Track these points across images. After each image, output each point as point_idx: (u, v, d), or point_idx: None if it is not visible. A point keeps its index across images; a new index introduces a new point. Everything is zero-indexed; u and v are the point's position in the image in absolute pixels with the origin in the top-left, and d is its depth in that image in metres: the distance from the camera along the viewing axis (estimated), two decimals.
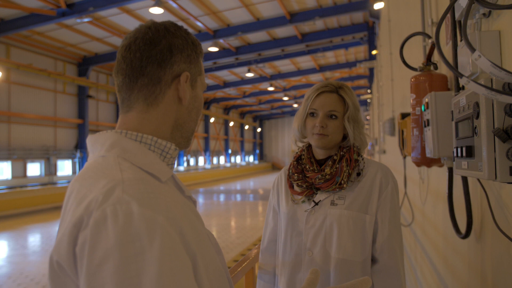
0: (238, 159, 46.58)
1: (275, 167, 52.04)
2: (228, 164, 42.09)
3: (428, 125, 1.71)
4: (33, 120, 18.99)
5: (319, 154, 1.73)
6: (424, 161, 2.00)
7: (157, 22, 1.00)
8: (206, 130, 37.69)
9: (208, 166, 37.20)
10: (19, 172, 18.42)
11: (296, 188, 1.72)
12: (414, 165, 3.21)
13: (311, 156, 1.74)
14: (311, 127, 1.68)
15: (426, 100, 1.72)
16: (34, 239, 10.55)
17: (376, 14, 13.86)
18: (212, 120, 38.34)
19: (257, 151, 52.62)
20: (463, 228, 1.63)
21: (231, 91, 35.02)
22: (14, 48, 18.01)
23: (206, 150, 37.59)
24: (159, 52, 0.94)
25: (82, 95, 21.75)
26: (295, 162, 1.77)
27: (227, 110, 42.28)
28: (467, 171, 1.12)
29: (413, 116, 2.03)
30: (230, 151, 43.49)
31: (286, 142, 52.05)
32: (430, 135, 1.69)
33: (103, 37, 18.93)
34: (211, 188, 25.29)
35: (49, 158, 19.79)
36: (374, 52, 15.99)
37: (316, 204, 1.65)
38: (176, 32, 0.98)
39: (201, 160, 37.27)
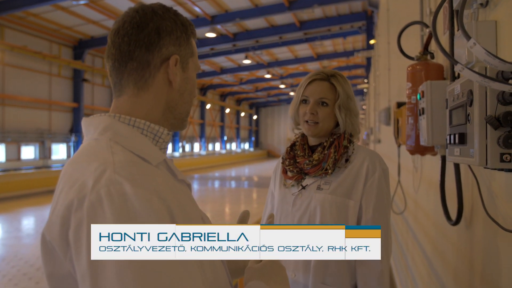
0: (233, 146, 46.60)
1: (270, 155, 52.10)
2: (223, 151, 42.11)
3: (423, 113, 1.73)
4: (27, 103, 18.86)
5: (312, 140, 1.78)
6: (418, 150, 2.02)
7: (145, 4, 0.98)
8: (202, 116, 37.61)
9: (203, 152, 37.20)
10: (13, 155, 18.35)
11: (288, 173, 1.77)
12: (408, 154, 3.24)
13: (304, 142, 1.79)
14: (302, 114, 1.72)
15: (422, 89, 1.74)
16: (28, 222, 10.57)
17: (375, 3, 13.80)
18: (208, 106, 38.24)
19: (253, 139, 52.62)
20: (453, 215, 1.66)
21: (227, 78, 34.88)
22: (9, 30, 17.82)
23: (202, 136, 37.56)
24: (146, 35, 0.93)
25: (78, 79, 21.60)
26: (289, 149, 1.83)
27: (223, 96, 42.16)
28: (459, 157, 1.14)
29: (408, 105, 2.05)
30: (225, 138, 43.48)
31: (282, 130, 52.06)
32: (424, 123, 1.71)
33: (100, 20, 18.74)
34: (206, 175, 25.33)
35: (43, 141, 19.71)
36: (372, 41, 15.96)
37: (303, 188, 1.70)
38: (164, 15, 0.97)
39: (196, 146, 37.26)
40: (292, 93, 43.49)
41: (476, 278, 1.45)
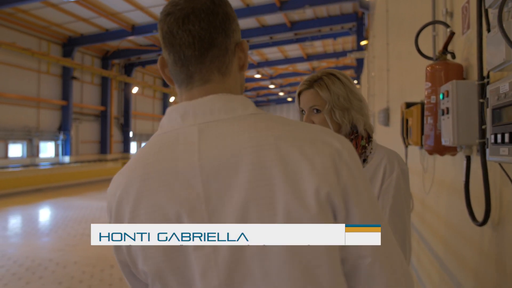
0: None
1: None
2: None
3: (447, 113, 1.72)
4: (15, 100, 18.58)
5: None
6: (438, 149, 2.02)
7: None
8: None
9: None
10: (1, 153, 18.06)
11: None
12: (415, 154, 3.25)
13: None
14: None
15: (446, 88, 1.74)
16: (15, 221, 10.41)
17: (366, 5, 13.87)
18: None
19: None
20: (478, 216, 1.66)
21: None
22: None
23: None
24: (221, 21, 0.91)
25: (67, 76, 21.36)
26: None
27: None
28: (507, 157, 1.13)
29: (427, 105, 2.05)
30: None
31: None
32: (449, 123, 1.71)
33: (90, 17, 18.56)
34: None
35: (31, 139, 19.44)
36: (363, 42, 16.04)
37: None
38: (226, 1, 0.95)
39: None
40: (281, 93, 43.60)
41: (508, 278, 1.45)
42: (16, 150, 18.99)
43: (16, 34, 18.39)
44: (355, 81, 24.58)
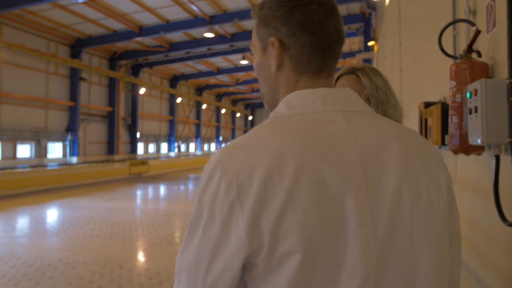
0: None
1: None
2: None
3: (475, 112, 1.69)
4: (24, 101, 18.70)
5: None
6: (463, 149, 1.98)
7: None
8: (198, 116, 37.54)
9: (199, 152, 37.10)
10: (9, 154, 18.17)
11: None
12: None
13: None
14: None
15: (474, 87, 1.70)
16: (24, 222, 10.44)
17: (374, 6, 13.81)
18: (204, 106, 38.17)
19: None
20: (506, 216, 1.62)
21: (224, 78, 34.86)
22: (6, 27, 17.67)
23: (198, 136, 37.48)
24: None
25: (75, 77, 21.47)
26: None
27: (219, 97, 42.10)
28: None
29: (452, 104, 2.01)
30: (221, 138, 43.41)
31: None
32: (477, 122, 1.68)
33: (98, 19, 18.65)
34: (201, 175, 25.19)
35: (39, 140, 19.54)
36: (370, 43, 15.97)
37: None
38: None
39: (192, 146, 37.15)
40: None
41: None
42: (24, 150, 19.09)
43: (25, 35, 18.51)
44: None
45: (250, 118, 52.43)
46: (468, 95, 1.75)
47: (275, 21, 0.93)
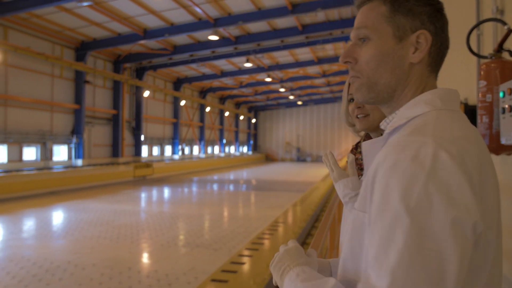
0: (232, 149, 46.56)
1: (268, 159, 52.08)
2: (222, 154, 42.05)
3: (509, 111, 1.70)
4: (29, 104, 18.79)
5: (373, 136, 1.73)
6: (494, 149, 1.98)
7: None
8: (202, 119, 37.58)
9: (202, 155, 37.13)
10: (15, 156, 18.24)
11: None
12: None
13: (367, 139, 1.77)
14: (352, 112, 1.70)
15: (508, 86, 1.71)
16: (30, 224, 10.49)
17: None
18: (207, 109, 38.21)
19: (251, 142, 52.60)
20: None
21: (227, 81, 34.90)
22: (12, 31, 17.76)
23: (201, 139, 37.51)
24: None
25: (79, 80, 21.55)
26: (353, 146, 1.82)
27: (222, 99, 42.15)
28: None
29: (482, 104, 2.01)
30: (224, 141, 43.43)
31: (280, 134, 52.08)
32: (511, 122, 1.68)
33: (103, 22, 18.73)
34: (205, 178, 25.28)
35: (45, 142, 19.62)
36: None
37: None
38: None
39: (195, 149, 37.19)
40: (291, 97, 43.53)
41: None
42: (30, 153, 19.17)
43: (31, 38, 18.61)
44: None
45: (254, 120, 52.43)
46: (501, 94, 1.76)
47: (423, 16, 0.94)
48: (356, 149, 1.80)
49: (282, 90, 38.20)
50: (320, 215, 9.38)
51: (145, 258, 7.23)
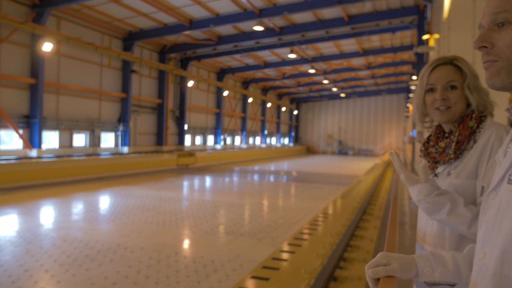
0: (273, 140, 46.60)
1: (309, 151, 51.81)
2: (263, 145, 42.18)
3: None
4: (79, 92, 19.47)
5: (446, 127, 1.76)
6: None
7: None
8: (244, 110, 37.77)
9: (244, 146, 37.37)
10: (66, 142, 19.00)
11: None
12: None
13: (440, 131, 1.78)
14: (431, 103, 1.70)
15: None
16: (81, 207, 10.86)
17: None
18: (250, 100, 38.35)
19: (293, 134, 52.45)
20: None
21: (270, 72, 34.87)
22: (64, 21, 18.41)
23: (243, 130, 37.74)
24: None
25: (127, 70, 22.11)
26: (425, 140, 1.83)
27: (265, 91, 42.18)
28: None
29: None
30: (266, 132, 43.51)
31: (322, 126, 51.64)
32: None
33: (150, 12, 19.08)
34: (246, 168, 25.43)
35: (93, 130, 20.31)
36: (425, 36, 15.50)
37: (435, 176, 1.72)
38: None
39: (237, 139, 37.47)
40: (335, 89, 43.02)
41: None
42: (79, 139, 19.91)
43: (82, 29, 19.23)
44: (415, 77, 23.87)
45: (295, 112, 52.21)
46: None
47: None
48: (428, 143, 1.81)
49: (325, 82, 37.81)
50: (368, 208, 9.25)
51: (190, 244, 7.37)
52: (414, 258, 1.18)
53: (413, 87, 24.64)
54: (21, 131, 16.35)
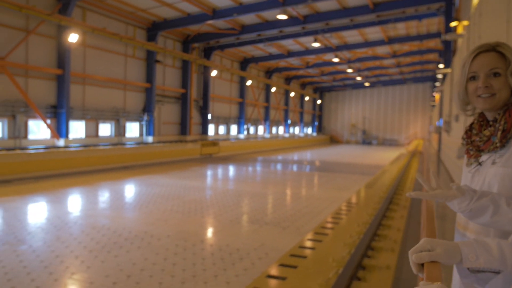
0: (296, 130, 46.42)
1: (333, 140, 51.47)
2: (286, 135, 42.07)
3: None
4: (104, 83, 19.72)
5: (489, 115, 1.71)
6: None
7: None
8: (267, 99, 37.68)
9: (267, 135, 37.34)
10: (92, 132, 19.32)
11: (470, 152, 1.76)
12: None
13: (483, 119, 1.74)
14: (473, 91, 1.66)
15: None
16: (107, 195, 11.03)
17: None
18: (273, 89, 38.22)
19: (316, 123, 52.14)
20: None
21: (294, 61, 34.64)
22: (90, 12, 18.61)
23: (266, 119, 37.68)
24: None
25: (151, 60, 22.27)
26: (467, 128, 1.80)
27: (288, 80, 41.96)
28: None
29: None
30: (289, 122, 43.36)
31: (346, 115, 51.16)
32: None
33: (173, 2, 19.12)
34: (269, 157, 25.43)
35: (118, 119, 20.58)
36: (453, 23, 15.12)
37: (479, 164, 1.68)
38: None
39: (260, 129, 37.45)
40: (359, 78, 42.50)
41: None
42: (105, 129, 20.22)
43: (106, 20, 19.42)
44: (440, 65, 23.33)
45: (319, 102, 51.84)
46: None
47: None
48: (471, 131, 1.78)
49: (349, 70, 37.36)
50: (394, 197, 9.14)
51: (215, 232, 7.41)
52: (458, 244, 1.17)
53: (439, 76, 24.12)
54: (48, 121, 16.70)
